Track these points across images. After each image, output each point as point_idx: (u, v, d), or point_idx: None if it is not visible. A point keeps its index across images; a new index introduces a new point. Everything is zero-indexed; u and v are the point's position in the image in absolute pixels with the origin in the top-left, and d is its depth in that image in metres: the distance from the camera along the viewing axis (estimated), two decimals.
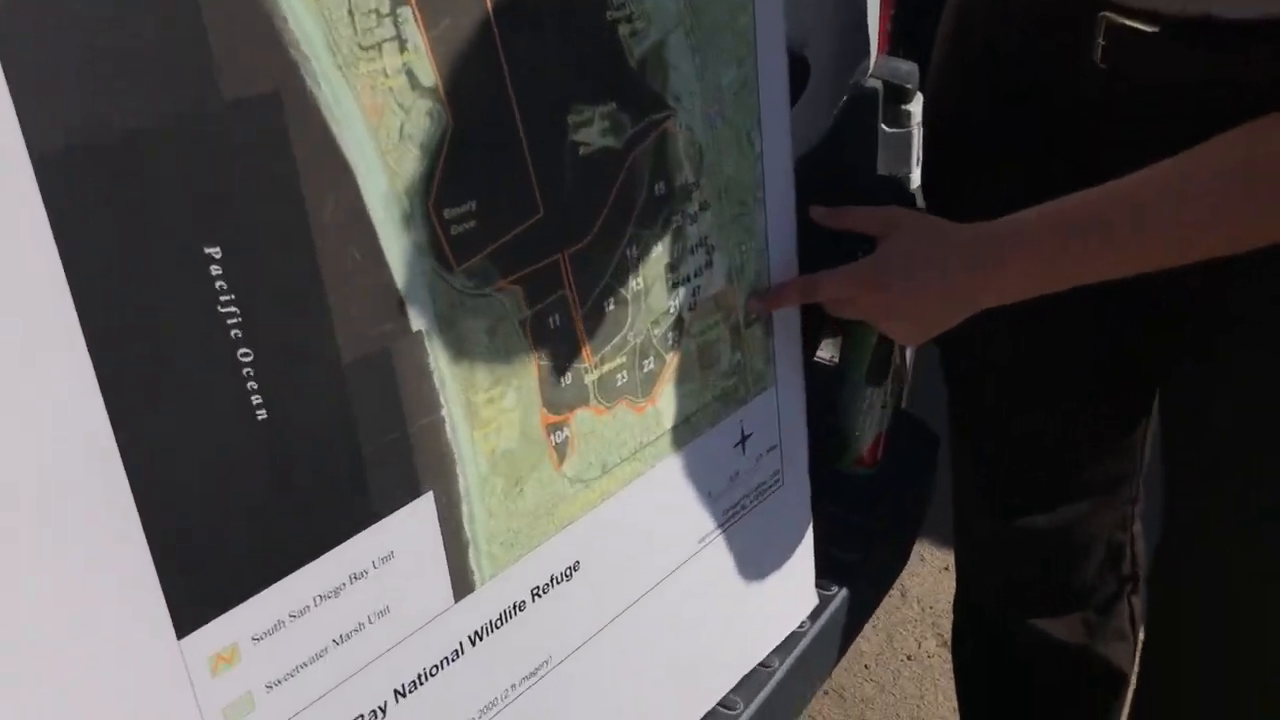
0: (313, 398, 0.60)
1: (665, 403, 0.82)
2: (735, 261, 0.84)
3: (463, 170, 0.64)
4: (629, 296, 0.77)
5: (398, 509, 0.65)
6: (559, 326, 0.72)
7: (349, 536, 0.63)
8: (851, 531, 1.16)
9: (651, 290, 0.78)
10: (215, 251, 0.54)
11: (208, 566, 0.57)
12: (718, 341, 0.85)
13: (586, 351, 0.74)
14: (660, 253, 0.78)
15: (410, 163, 0.61)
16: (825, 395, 1.10)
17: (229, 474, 0.57)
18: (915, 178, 1.33)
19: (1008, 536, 1.16)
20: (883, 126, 1.33)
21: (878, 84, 1.28)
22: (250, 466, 0.58)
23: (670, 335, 0.81)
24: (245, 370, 0.56)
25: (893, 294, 0.81)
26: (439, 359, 0.65)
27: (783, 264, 0.88)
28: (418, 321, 0.64)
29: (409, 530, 0.66)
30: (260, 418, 0.57)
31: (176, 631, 0.57)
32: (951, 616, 1.34)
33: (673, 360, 0.81)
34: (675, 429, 0.83)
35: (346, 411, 0.61)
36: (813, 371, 1.01)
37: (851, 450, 1.22)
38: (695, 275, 0.82)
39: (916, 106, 1.34)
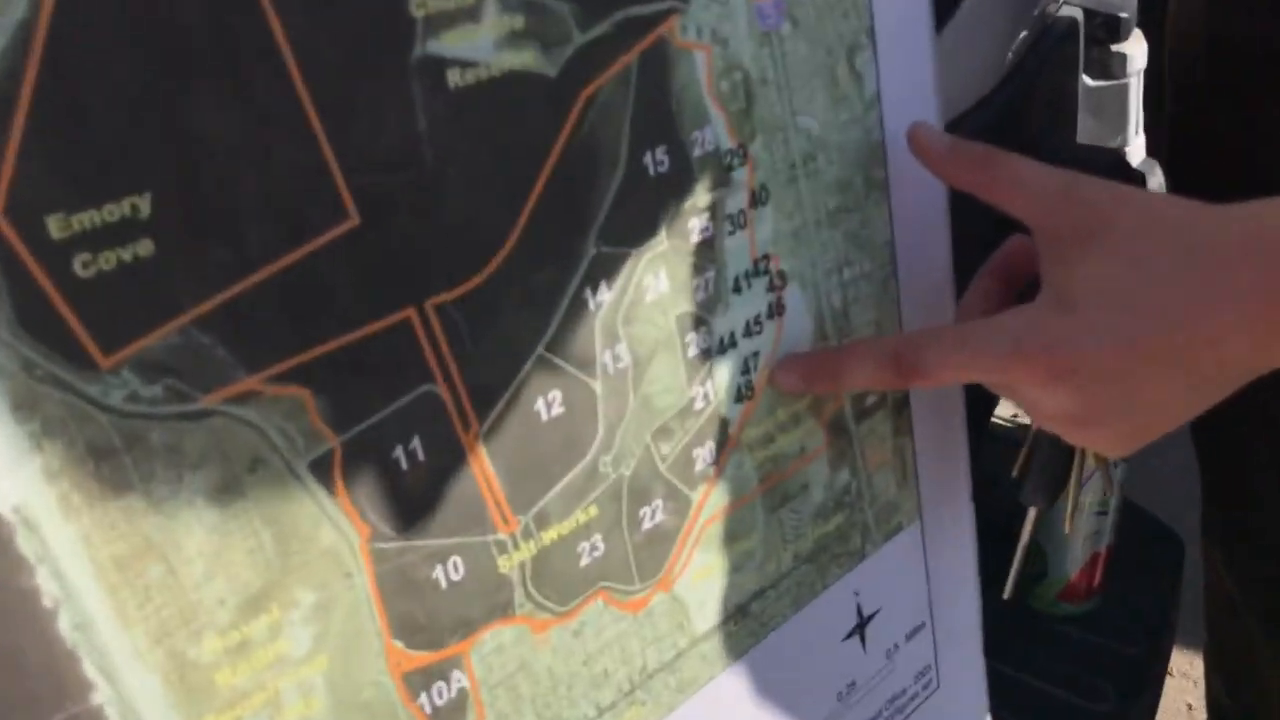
0: None
1: (692, 585, 0.42)
2: (828, 301, 0.44)
3: (82, 100, 0.26)
4: (597, 387, 0.37)
5: None
6: (421, 462, 0.33)
7: None
8: (1058, 713, 0.74)
9: (649, 369, 0.38)
10: None
11: None
12: (802, 455, 0.45)
13: (498, 505, 0.35)
14: (667, 293, 0.38)
15: None
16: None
17: None
18: (1137, 148, 0.90)
19: None
20: (1084, 78, 0.91)
21: (1077, 12, 0.86)
22: None
23: (700, 453, 0.41)
24: None
25: (1081, 378, 0.37)
26: (73, 569, 0.27)
27: (927, 304, 0.47)
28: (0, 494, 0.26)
29: None
30: None
31: None
32: None
33: (706, 500, 0.41)
34: (720, 630, 0.43)
35: None
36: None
37: (1053, 577, 0.80)
38: (748, 331, 0.41)
39: (1137, 48, 0.91)
